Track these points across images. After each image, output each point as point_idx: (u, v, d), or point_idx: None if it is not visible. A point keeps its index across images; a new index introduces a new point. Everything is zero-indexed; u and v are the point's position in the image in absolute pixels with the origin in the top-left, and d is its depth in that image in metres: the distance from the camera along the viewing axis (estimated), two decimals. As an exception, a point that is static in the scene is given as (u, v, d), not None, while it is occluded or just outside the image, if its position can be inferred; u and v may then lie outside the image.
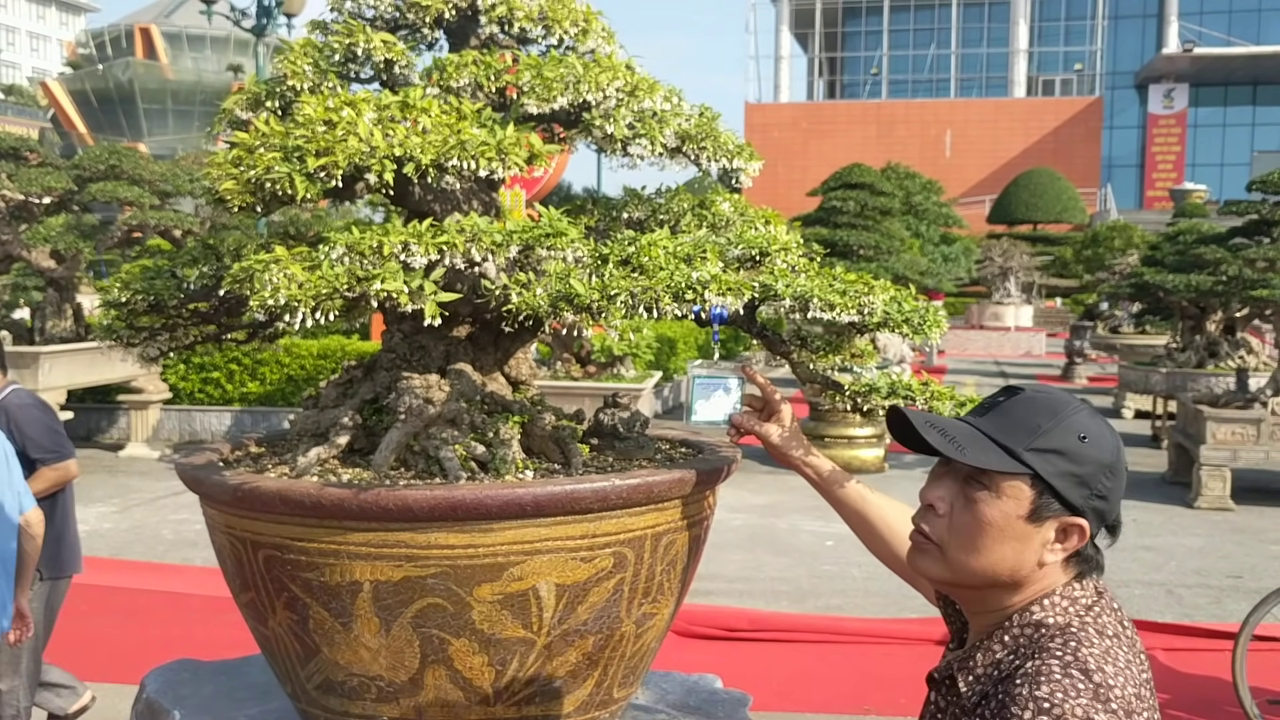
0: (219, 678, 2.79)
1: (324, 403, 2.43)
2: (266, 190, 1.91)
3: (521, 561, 2.09)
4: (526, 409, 2.35)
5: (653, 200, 2.41)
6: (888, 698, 5.82)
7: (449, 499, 2.04)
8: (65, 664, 6.19)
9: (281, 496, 2.10)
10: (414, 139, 1.85)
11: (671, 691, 2.67)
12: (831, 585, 7.90)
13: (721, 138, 2.17)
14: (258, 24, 15.78)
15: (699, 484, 2.25)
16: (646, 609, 2.25)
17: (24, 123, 66.11)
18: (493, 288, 1.94)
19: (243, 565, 2.27)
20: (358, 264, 1.80)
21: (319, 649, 2.20)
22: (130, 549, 8.62)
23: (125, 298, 2.23)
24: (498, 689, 2.18)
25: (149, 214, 10.49)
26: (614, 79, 2.07)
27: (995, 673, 1.45)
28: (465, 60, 2.09)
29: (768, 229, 2.24)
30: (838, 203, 12.61)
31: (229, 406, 13.34)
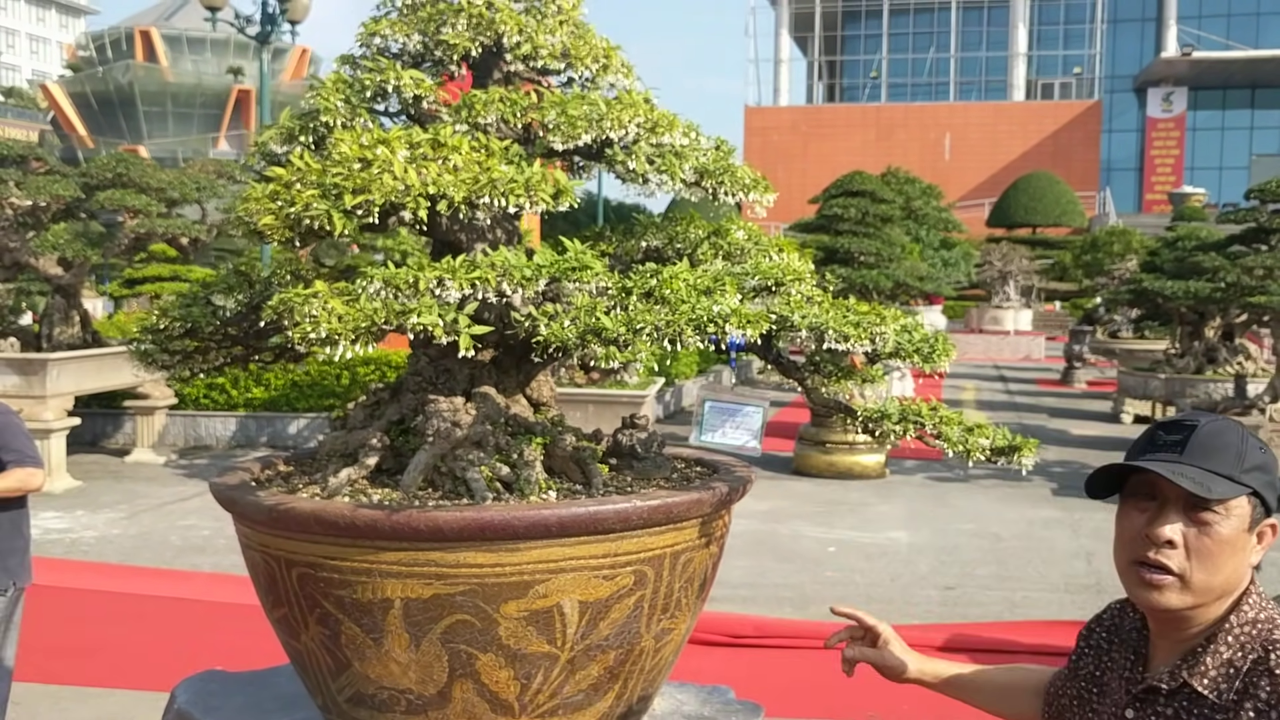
0: (247, 689, 2.87)
1: (352, 424, 2.51)
2: (303, 225, 2.00)
3: (546, 579, 2.17)
4: (548, 430, 2.43)
5: (669, 228, 2.49)
6: (891, 703, 5.89)
7: (478, 520, 2.12)
8: (77, 670, 6.28)
9: (316, 517, 2.19)
10: (446, 177, 1.94)
11: (687, 702, 2.75)
12: (834, 592, 7.98)
13: (737, 172, 2.25)
14: (262, 31, 15.86)
15: (716, 504, 2.34)
16: (665, 624, 2.34)
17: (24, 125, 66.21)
18: (521, 319, 2.03)
19: (276, 582, 2.35)
20: (394, 298, 1.89)
21: (350, 663, 2.29)
22: (139, 555, 8.70)
23: (164, 324, 2.31)
24: (523, 702, 2.26)
25: (156, 221, 10.57)
26: (635, 115, 2.16)
27: (1231, 670, 1.64)
28: (492, 97, 2.18)
29: (781, 257, 2.32)
30: (839, 210, 12.69)
31: (234, 412, 13.43)
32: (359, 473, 2.36)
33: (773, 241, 2.41)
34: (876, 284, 11.99)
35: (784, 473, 12.50)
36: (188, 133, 63.89)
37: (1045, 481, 12.24)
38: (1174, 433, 1.74)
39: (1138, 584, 1.74)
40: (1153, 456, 1.73)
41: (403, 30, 2.31)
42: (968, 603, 7.73)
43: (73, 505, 10.26)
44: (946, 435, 2.11)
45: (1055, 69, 60.66)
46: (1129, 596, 1.81)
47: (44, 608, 7.30)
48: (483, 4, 2.26)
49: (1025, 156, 54.88)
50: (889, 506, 10.83)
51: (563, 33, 2.29)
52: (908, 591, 7.98)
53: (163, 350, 2.47)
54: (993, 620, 7.33)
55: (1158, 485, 1.70)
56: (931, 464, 13.24)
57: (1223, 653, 1.66)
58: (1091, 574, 8.47)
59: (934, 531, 9.76)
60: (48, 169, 11.37)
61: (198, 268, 23.96)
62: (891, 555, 8.97)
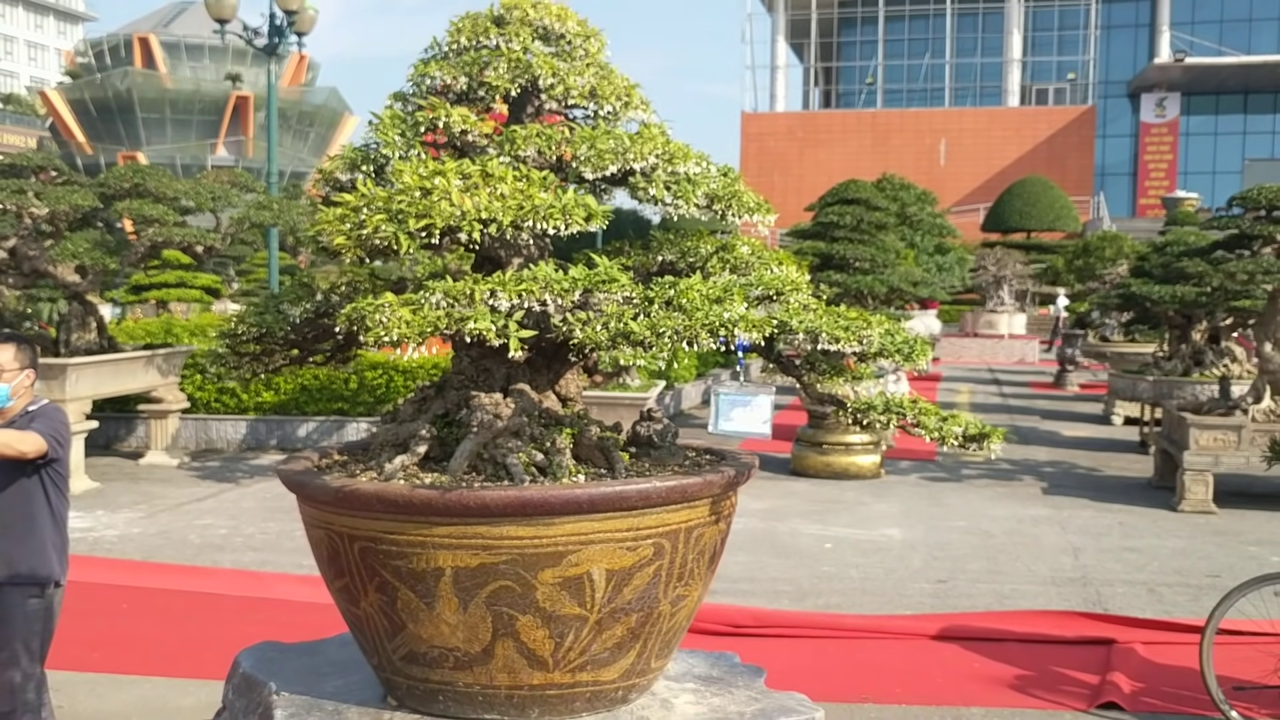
0: (303, 657, 3.20)
1: (402, 417, 2.84)
2: (371, 244, 2.33)
3: (578, 550, 2.50)
4: (576, 422, 2.77)
5: (681, 243, 2.83)
6: (883, 687, 6.22)
7: (520, 498, 2.46)
8: (111, 659, 6.60)
9: (378, 497, 2.52)
10: (495, 203, 2.27)
11: (697, 665, 3.09)
12: (830, 585, 8.30)
13: (744, 197, 2.59)
14: (270, 43, 16.21)
15: (724, 486, 2.67)
16: (680, 591, 2.67)
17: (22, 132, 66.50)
18: (558, 324, 2.36)
19: (338, 555, 2.68)
20: (454, 308, 2.22)
21: (405, 625, 2.62)
22: (160, 553, 9.01)
23: (240, 330, 2.65)
24: (556, 658, 2.59)
25: (173, 230, 10.90)
26: (654, 148, 2.49)
27: None
28: (530, 133, 2.51)
29: (781, 270, 2.65)
30: (835, 217, 13.03)
31: (244, 415, 13.74)
32: (411, 460, 2.69)
33: (774, 255, 2.75)
34: (871, 289, 12.32)
35: (782, 473, 12.83)
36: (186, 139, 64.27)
37: (1036, 481, 12.58)
38: None
39: None
40: None
41: (449, 71, 2.64)
42: (958, 595, 8.05)
43: (92, 505, 10.57)
44: (924, 424, 2.44)
45: (1050, 75, 61.06)
46: None
47: (78, 602, 7.62)
48: (520, 49, 2.60)
49: (1020, 162, 55.27)
50: (884, 505, 11.15)
51: (590, 74, 2.62)
52: (901, 585, 8.30)
53: (234, 353, 2.80)
54: (982, 611, 7.66)
55: None
56: (926, 465, 13.57)
57: None
58: (1078, 568, 8.80)
59: (927, 529, 10.09)
60: (65, 179, 11.70)
61: (203, 274, 24.31)
62: (886, 551, 9.29)
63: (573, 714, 2.67)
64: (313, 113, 66.47)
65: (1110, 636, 7.02)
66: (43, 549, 4.90)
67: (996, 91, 60.44)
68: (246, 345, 2.76)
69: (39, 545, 4.89)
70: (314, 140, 67.35)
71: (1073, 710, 5.94)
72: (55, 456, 4.88)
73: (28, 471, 4.82)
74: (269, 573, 8.33)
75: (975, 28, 61.29)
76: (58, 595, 5.03)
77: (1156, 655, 6.73)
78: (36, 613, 4.92)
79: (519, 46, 2.60)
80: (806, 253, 13.03)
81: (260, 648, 3.25)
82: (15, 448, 4.65)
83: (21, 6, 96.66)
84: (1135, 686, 6.20)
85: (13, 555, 4.85)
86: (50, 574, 4.95)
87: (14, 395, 4.80)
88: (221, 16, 16.19)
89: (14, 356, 4.80)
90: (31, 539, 4.87)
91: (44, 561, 4.91)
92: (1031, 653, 6.81)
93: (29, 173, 11.39)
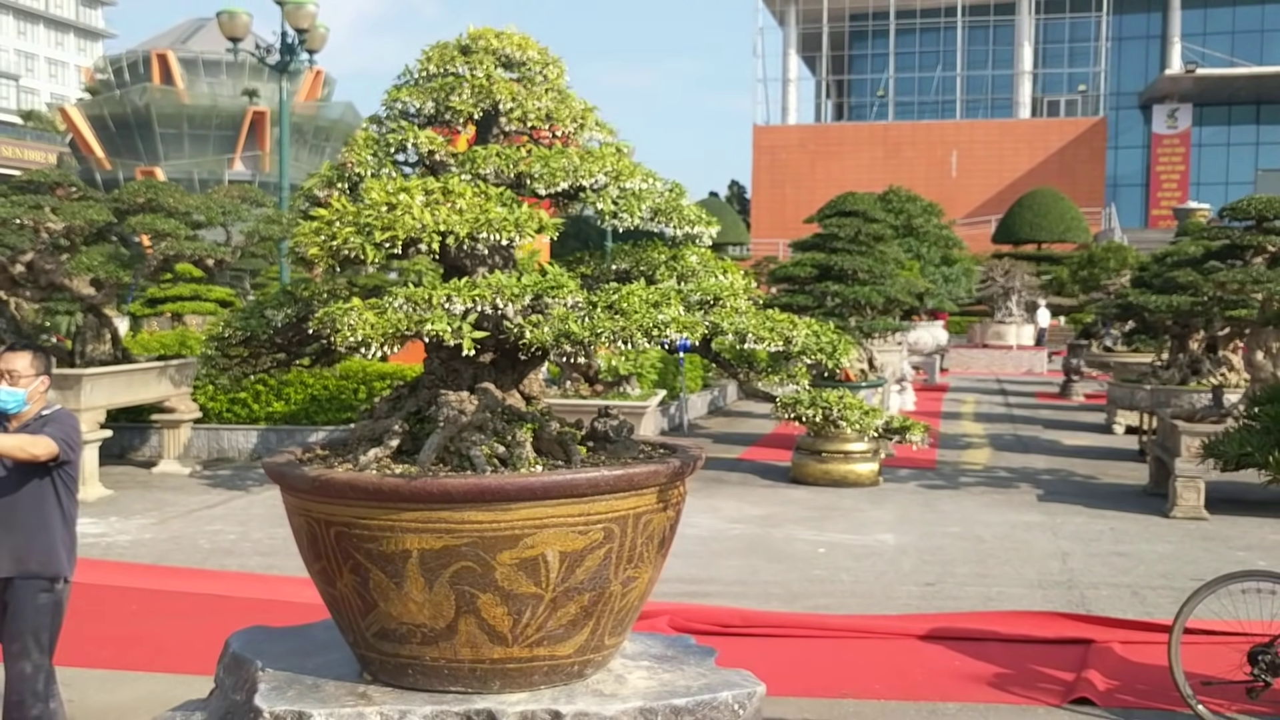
0: (288, 639, 3.44)
1: (377, 414, 3.09)
2: (341, 255, 2.58)
3: (534, 533, 2.74)
4: (537, 418, 3.00)
5: (635, 253, 3.07)
6: (864, 684, 6.42)
7: (479, 485, 2.69)
8: (121, 656, 6.85)
9: (351, 485, 2.76)
10: (454, 217, 2.51)
11: (653, 647, 3.32)
12: (820, 588, 8.49)
13: (685, 211, 2.83)
14: (281, 60, 16.55)
15: (670, 475, 2.90)
16: (630, 573, 2.90)
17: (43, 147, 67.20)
18: (511, 326, 2.60)
19: (317, 540, 2.93)
20: (413, 310, 2.46)
21: (377, 604, 2.86)
22: (171, 557, 9.27)
23: (227, 333, 2.90)
24: (515, 634, 2.82)
25: (184, 244, 11.20)
26: (603, 166, 2.73)
27: None
28: (490, 153, 2.76)
29: (725, 278, 2.89)
30: (834, 229, 13.25)
31: (255, 425, 14.02)
32: (384, 452, 2.94)
33: (719, 265, 2.98)
34: (869, 299, 12.53)
35: (782, 481, 13.03)
36: (203, 154, 64.87)
37: (1032, 488, 12.75)
38: None
39: None
40: None
41: (418, 97, 2.89)
42: (945, 597, 8.24)
43: (106, 512, 10.85)
44: (847, 417, 2.67)
45: (1061, 86, 61.22)
46: None
47: (89, 603, 7.89)
48: (484, 77, 2.84)
49: (1031, 173, 55.41)
50: (880, 512, 11.34)
51: (548, 99, 2.87)
52: (890, 588, 8.50)
53: (223, 355, 3.05)
54: (966, 612, 7.85)
55: None
56: (925, 473, 13.74)
57: None
58: (1065, 572, 8.98)
59: (920, 534, 10.27)
60: (81, 194, 12.02)
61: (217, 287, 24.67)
62: (878, 555, 9.49)
63: (531, 687, 2.90)
64: (328, 127, 67.00)
65: (1089, 636, 7.21)
66: (53, 546, 5.17)
67: (1008, 103, 60.64)
68: (234, 348, 3.00)
69: (50, 543, 5.15)
70: (329, 155, 67.88)
71: (1046, 705, 6.13)
72: (66, 459, 5.15)
73: (40, 473, 5.09)
74: (275, 576, 8.58)
75: (986, 40, 61.51)
76: (66, 591, 5.30)
77: (1133, 654, 6.91)
78: (46, 607, 5.18)
79: (482, 74, 2.84)
80: (806, 264, 13.25)
81: (249, 631, 3.48)
82: (29, 450, 4.92)
83: (43, 24, 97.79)
84: (1109, 684, 6.39)
85: (25, 552, 5.12)
86: (59, 570, 5.21)
87: (29, 400, 5.08)
88: (234, 35, 16.54)
89: (29, 364, 5.08)
90: (43, 537, 5.14)
91: (54, 558, 5.18)
92: (1011, 652, 7.00)
93: (46, 189, 11.71)
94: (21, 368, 5.05)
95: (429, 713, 2.81)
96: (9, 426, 5.08)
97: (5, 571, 5.13)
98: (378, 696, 2.90)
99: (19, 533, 5.13)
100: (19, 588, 5.14)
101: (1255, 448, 5.69)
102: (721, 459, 14.95)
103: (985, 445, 16.39)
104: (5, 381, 5.04)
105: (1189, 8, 59.34)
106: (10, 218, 10.77)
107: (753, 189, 61.18)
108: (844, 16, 62.16)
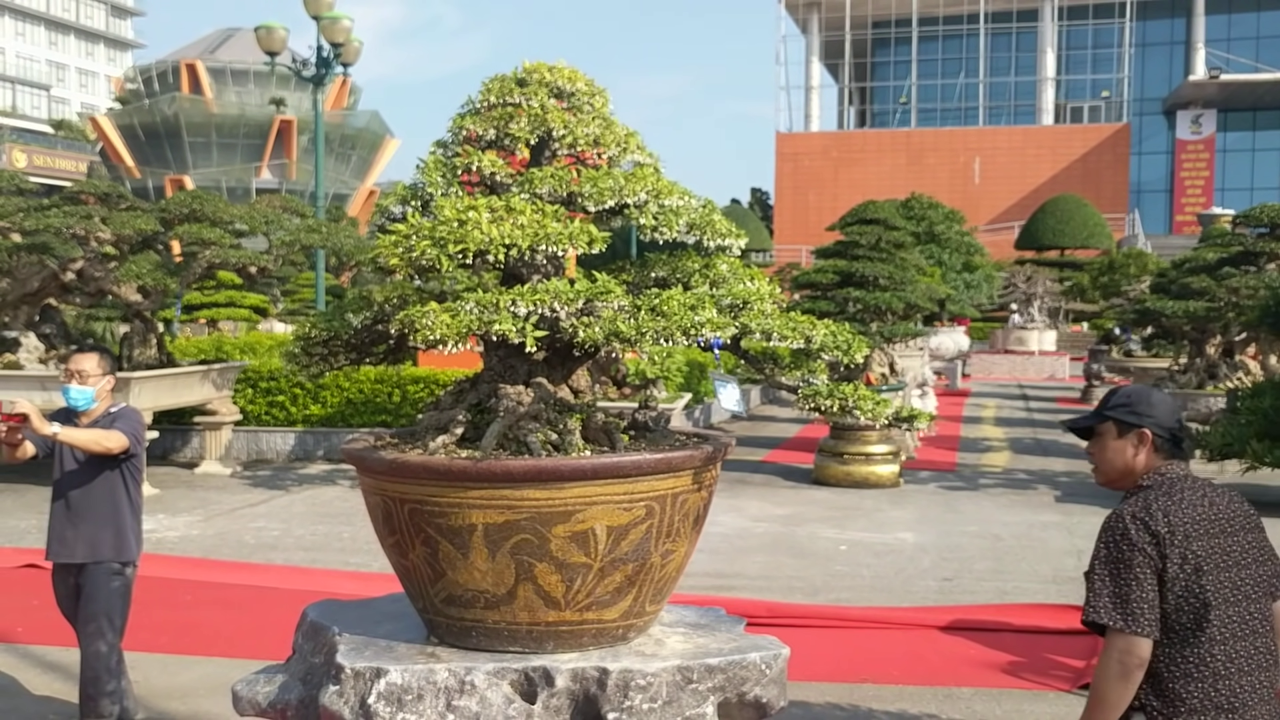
0: (358, 609, 3.81)
1: (443, 406, 3.46)
2: (418, 264, 2.95)
3: (584, 509, 3.10)
4: (584, 410, 3.37)
5: (671, 261, 3.43)
6: (882, 670, 6.75)
7: (537, 467, 3.06)
8: (179, 642, 7.26)
9: (424, 467, 3.13)
10: (516, 231, 2.88)
11: (687, 616, 3.68)
12: (842, 583, 8.83)
13: (718, 225, 3.19)
14: (317, 73, 17.03)
15: (704, 460, 3.26)
16: (668, 546, 3.26)
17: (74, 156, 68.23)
18: (565, 326, 2.96)
19: (391, 516, 3.30)
20: (483, 313, 2.83)
21: (445, 572, 3.23)
22: (218, 551, 9.69)
23: (314, 333, 3.28)
24: (567, 599, 3.19)
25: (229, 252, 11.65)
26: (645, 186, 3.10)
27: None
28: (545, 174, 3.13)
29: (752, 284, 3.25)
30: (855, 236, 13.59)
31: (293, 428, 14.47)
32: (450, 439, 3.31)
33: (747, 273, 3.34)
34: (889, 305, 12.85)
35: (804, 482, 13.38)
36: (231, 162, 65.72)
37: (1050, 490, 13.04)
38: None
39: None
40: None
41: (480, 124, 3.27)
42: (962, 592, 8.56)
43: (153, 510, 11.28)
44: (861, 407, 3.02)
45: (1084, 93, 61.26)
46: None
47: (145, 593, 8.30)
48: (539, 106, 3.22)
49: (1054, 180, 55.47)
50: (900, 512, 11.67)
51: (595, 126, 3.24)
52: (909, 582, 8.83)
53: (306, 353, 3.43)
54: (983, 604, 8.17)
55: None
56: (945, 475, 14.05)
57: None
58: (1079, 569, 9.27)
59: (939, 533, 10.59)
60: (128, 205, 12.50)
61: (251, 295, 25.22)
62: (898, 553, 9.81)
63: (581, 647, 3.27)
64: (355, 136, 67.78)
65: (1100, 627, 7.51)
66: (124, 533, 5.59)
67: (1031, 110, 60.72)
68: (317, 347, 3.38)
69: (120, 529, 5.57)
70: (356, 163, 68.65)
71: (1057, 690, 6.46)
72: (135, 452, 5.57)
73: (110, 465, 5.51)
74: (319, 569, 8.99)
75: (1009, 46, 61.63)
76: (133, 575, 5.72)
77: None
78: (118, 590, 5.61)
79: (537, 104, 3.22)
80: (828, 270, 13.59)
81: (323, 603, 3.86)
82: (103, 444, 5.34)
83: (73, 35, 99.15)
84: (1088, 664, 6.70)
85: (98, 539, 5.53)
86: (130, 555, 5.63)
87: (97, 398, 5.50)
88: (272, 49, 17.03)
89: (97, 364, 5.50)
90: (114, 524, 5.56)
91: (125, 544, 5.60)
92: (1025, 642, 7.32)
93: (92, 199, 12.18)
94: (90, 368, 5.48)
95: (491, 669, 3.17)
96: (79, 422, 5.50)
97: (81, 557, 5.55)
98: (445, 655, 3.27)
99: (93, 521, 5.54)
100: (92, 572, 5.56)
101: (1235, 439, 6.02)
102: (745, 461, 15.30)
103: (1005, 448, 16.67)
104: (75, 381, 5.46)
105: (1213, 13, 59.30)
106: (63, 227, 11.24)
107: (776, 196, 61.48)
108: (866, 24, 62.40)
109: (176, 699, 6.23)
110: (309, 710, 3.44)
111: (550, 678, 3.17)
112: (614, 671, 3.16)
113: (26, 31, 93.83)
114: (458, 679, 3.15)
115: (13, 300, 12.06)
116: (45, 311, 12.70)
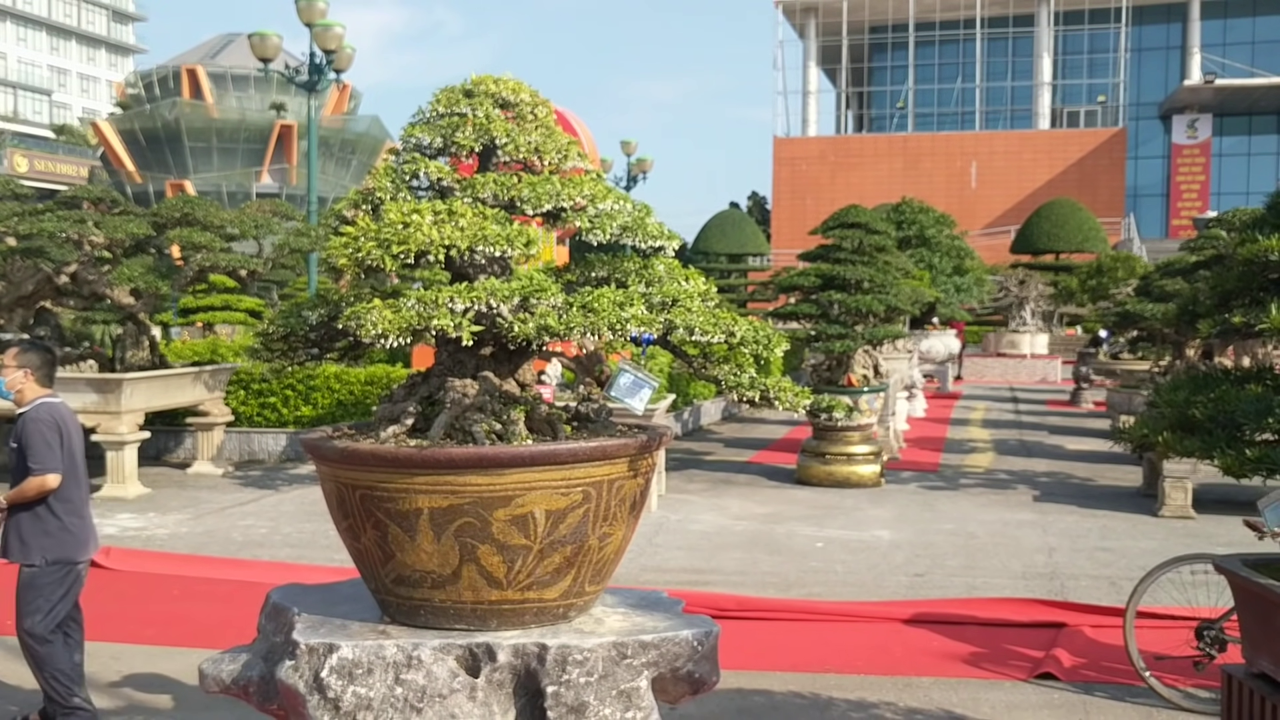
0: (319, 593, 4.02)
1: (395, 398, 3.67)
2: (365, 264, 3.16)
3: (524, 494, 3.30)
4: (528, 402, 3.58)
5: (612, 262, 3.64)
6: (846, 661, 6.95)
7: (479, 454, 3.27)
8: (163, 634, 7.46)
9: (374, 454, 3.34)
10: (456, 233, 3.09)
11: (629, 598, 3.88)
12: (815, 578, 9.02)
13: (649, 228, 3.40)
14: (310, 80, 17.25)
15: (639, 448, 3.46)
16: (605, 530, 3.47)
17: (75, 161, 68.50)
18: (504, 322, 3.17)
19: (344, 501, 3.50)
20: (423, 309, 3.04)
21: (394, 554, 3.43)
22: (206, 548, 9.89)
23: (271, 329, 3.49)
24: (509, 579, 3.39)
25: (219, 256, 11.86)
26: (580, 191, 3.31)
27: None
28: (488, 180, 3.34)
29: (686, 284, 3.46)
30: (838, 240, 13.79)
31: (284, 429, 14.67)
32: (400, 429, 3.51)
33: (683, 273, 3.55)
34: (870, 308, 13.05)
35: (787, 482, 13.57)
36: (232, 167, 65.91)
37: (1029, 490, 13.23)
38: None
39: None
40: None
41: (429, 133, 3.48)
42: (931, 587, 8.75)
43: (145, 508, 11.50)
44: (781, 397, 3.22)
45: (1080, 97, 61.47)
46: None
47: (133, 588, 8.53)
48: (483, 116, 3.43)
49: (1051, 184, 55.67)
50: (879, 510, 11.86)
51: (537, 135, 3.45)
52: (881, 578, 9.02)
53: (266, 348, 3.64)
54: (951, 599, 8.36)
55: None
56: (927, 475, 14.24)
57: None
58: (1049, 565, 9.47)
59: (916, 531, 10.78)
60: (121, 209, 12.71)
61: (247, 298, 25.42)
62: (872, 550, 10.01)
63: (523, 625, 3.47)
64: (355, 140, 67.98)
65: (1062, 620, 7.71)
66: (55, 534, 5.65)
67: (1027, 114, 60.93)
68: (276, 343, 3.59)
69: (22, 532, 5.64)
70: (356, 167, 68.87)
71: (1013, 680, 6.65)
72: (47, 469, 5.56)
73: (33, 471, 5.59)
74: (304, 565, 9.19)
75: (1005, 51, 61.85)
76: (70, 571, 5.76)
77: (1102, 636, 7.41)
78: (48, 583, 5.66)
79: (482, 114, 3.42)
80: (812, 274, 13.78)
81: (286, 587, 4.06)
82: (32, 494, 5.45)
83: (75, 40, 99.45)
84: (1075, 661, 6.90)
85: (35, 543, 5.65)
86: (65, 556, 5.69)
87: (9, 389, 5.62)
88: (265, 55, 17.26)
89: (13, 357, 5.64)
90: (36, 527, 5.65)
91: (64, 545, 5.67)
92: (987, 634, 7.52)
93: (88, 204, 12.40)
94: (5, 360, 5.66)
95: (437, 645, 3.37)
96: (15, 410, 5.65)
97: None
98: (395, 633, 3.47)
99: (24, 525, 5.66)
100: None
101: (1150, 430, 6.25)
102: (731, 461, 15.50)
103: (989, 450, 16.86)
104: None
105: (1208, 18, 59.51)
106: (57, 231, 11.45)
107: (773, 200, 61.69)
108: (864, 29, 62.66)
109: (158, 687, 6.43)
110: (269, 686, 3.64)
111: (493, 653, 3.37)
112: (553, 647, 3.36)
113: (28, 37, 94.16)
114: (405, 654, 3.36)
115: (8, 303, 12.27)
116: (41, 314, 12.92)
